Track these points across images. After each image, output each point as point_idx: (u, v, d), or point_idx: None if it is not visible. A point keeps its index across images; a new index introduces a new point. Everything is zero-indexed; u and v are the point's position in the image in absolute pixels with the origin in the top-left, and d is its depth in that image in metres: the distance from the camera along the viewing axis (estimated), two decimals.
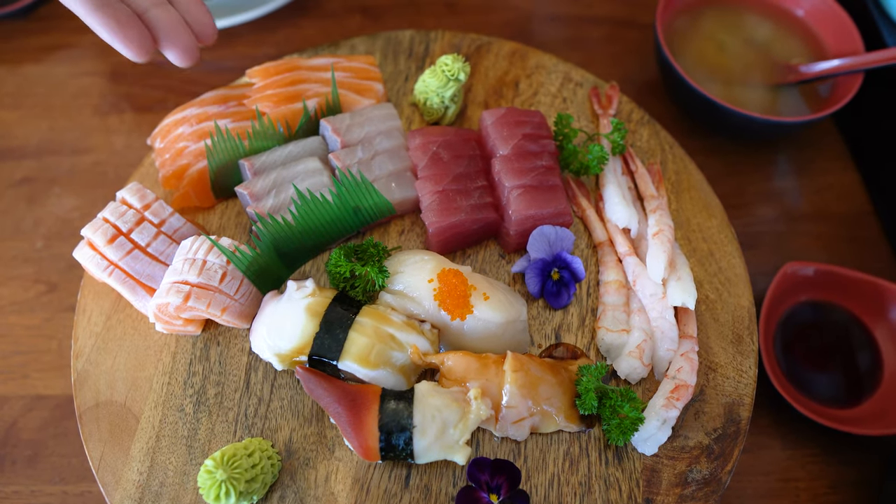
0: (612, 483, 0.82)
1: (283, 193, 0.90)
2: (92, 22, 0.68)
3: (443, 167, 0.92)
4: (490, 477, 0.77)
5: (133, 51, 0.69)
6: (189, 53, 0.72)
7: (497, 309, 0.85)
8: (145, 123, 1.21)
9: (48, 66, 1.28)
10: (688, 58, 1.17)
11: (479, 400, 0.78)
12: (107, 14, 0.67)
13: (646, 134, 1.05)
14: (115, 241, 0.86)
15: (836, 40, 1.16)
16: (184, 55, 0.72)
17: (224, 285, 0.83)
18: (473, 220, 0.90)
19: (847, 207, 1.18)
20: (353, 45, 1.10)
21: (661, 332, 0.88)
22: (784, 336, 1.03)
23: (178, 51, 0.71)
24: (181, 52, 0.71)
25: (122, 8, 0.69)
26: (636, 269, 0.92)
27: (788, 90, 1.15)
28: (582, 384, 0.82)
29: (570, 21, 1.35)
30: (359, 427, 0.77)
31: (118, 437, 0.82)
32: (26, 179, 1.17)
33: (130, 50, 0.68)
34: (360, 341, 0.81)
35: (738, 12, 1.23)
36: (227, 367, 0.87)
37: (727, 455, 0.83)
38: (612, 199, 0.96)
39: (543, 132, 0.96)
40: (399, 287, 0.87)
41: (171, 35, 0.71)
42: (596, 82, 1.09)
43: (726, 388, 0.87)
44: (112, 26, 0.67)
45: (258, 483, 0.76)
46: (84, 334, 0.89)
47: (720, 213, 0.99)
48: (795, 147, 1.23)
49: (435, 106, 1.01)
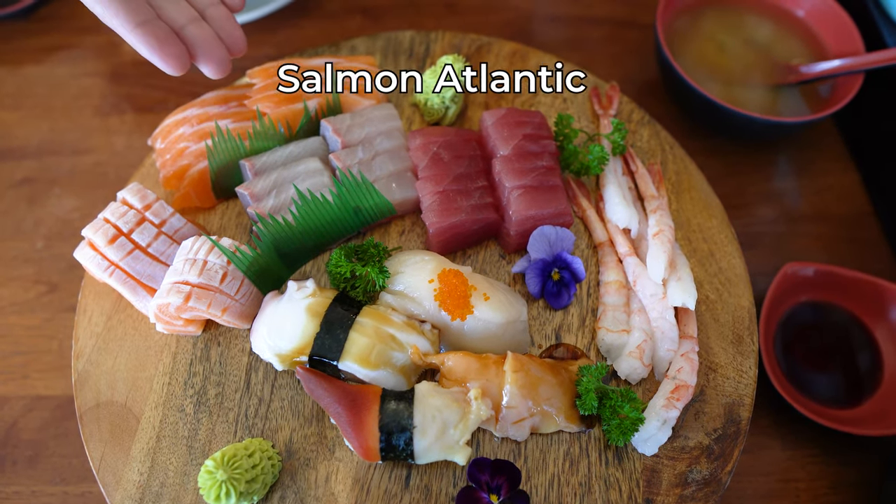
0: (613, 483, 0.82)
1: (283, 194, 0.90)
2: (132, 39, 0.68)
3: (443, 168, 0.92)
4: (490, 477, 0.77)
5: (172, 67, 0.70)
6: (223, 67, 0.74)
7: (497, 309, 0.85)
8: (146, 124, 1.21)
9: (49, 66, 1.28)
10: (688, 58, 1.17)
11: (479, 400, 0.78)
12: (147, 32, 0.68)
13: (646, 134, 1.05)
14: (115, 242, 0.86)
15: (837, 41, 1.17)
16: (218, 69, 0.73)
17: (225, 285, 0.83)
18: (474, 220, 0.90)
19: (847, 208, 1.18)
20: (353, 46, 1.10)
21: (661, 333, 0.88)
22: (784, 336, 1.03)
23: (213, 65, 0.73)
24: (216, 66, 0.73)
25: (161, 25, 0.70)
26: (636, 269, 0.92)
27: (789, 90, 1.15)
28: (582, 384, 0.82)
29: (571, 21, 1.36)
30: (359, 427, 0.77)
31: (119, 438, 0.82)
32: (27, 180, 1.17)
33: (170, 66, 0.70)
34: (360, 342, 0.81)
35: (739, 13, 1.23)
36: (228, 368, 0.87)
37: (727, 455, 0.83)
38: (612, 199, 0.96)
39: (544, 132, 0.96)
40: (399, 287, 0.87)
41: (206, 50, 0.72)
42: (596, 83, 1.09)
43: (726, 388, 0.87)
44: (152, 44, 0.68)
45: (258, 483, 0.76)
46: (85, 334, 0.89)
47: (720, 214, 0.99)
48: (796, 147, 1.23)
49: (435, 106, 1.01)
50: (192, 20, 0.73)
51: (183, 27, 0.72)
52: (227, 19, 0.76)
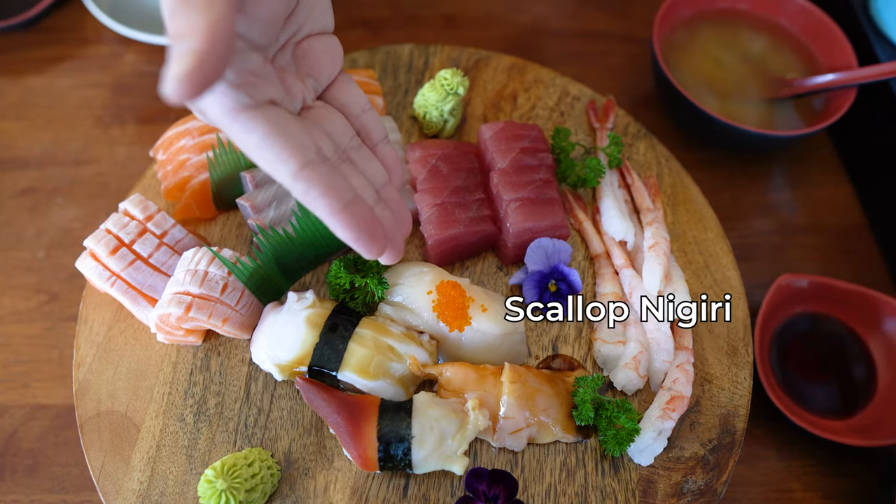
0: (609, 493, 0.82)
1: (283, 205, 0.91)
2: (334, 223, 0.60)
3: (442, 180, 0.93)
4: (488, 487, 0.78)
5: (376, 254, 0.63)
6: (400, 254, 0.68)
7: (495, 321, 0.86)
8: (147, 135, 1.22)
9: (51, 77, 1.29)
10: (684, 72, 1.18)
11: (476, 410, 0.79)
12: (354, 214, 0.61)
13: (642, 147, 1.06)
14: (117, 252, 0.87)
15: (830, 55, 1.18)
16: (396, 256, 0.68)
17: (225, 296, 0.84)
18: (472, 232, 0.91)
19: (841, 220, 1.19)
20: (353, 59, 1.12)
21: (656, 344, 0.89)
22: (779, 347, 1.04)
23: (394, 252, 0.67)
24: (396, 253, 0.67)
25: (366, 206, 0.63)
26: (632, 281, 0.93)
27: (783, 104, 1.16)
28: (578, 395, 0.83)
29: (568, 36, 1.37)
30: (358, 437, 0.77)
31: (119, 447, 0.83)
32: (29, 190, 1.17)
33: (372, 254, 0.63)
34: (359, 352, 0.82)
35: (734, 27, 1.24)
36: (228, 378, 0.87)
37: (722, 466, 0.84)
38: (608, 211, 0.97)
39: (541, 146, 0.97)
40: (398, 299, 0.88)
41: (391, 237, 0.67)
42: (593, 96, 1.10)
43: (721, 399, 0.88)
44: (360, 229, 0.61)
45: (258, 493, 0.77)
46: (85, 344, 0.89)
47: (715, 226, 1.00)
48: (790, 160, 1.24)
49: (434, 119, 1.02)
50: (377, 201, 0.68)
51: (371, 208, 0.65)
52: (399, 203, 0.71)
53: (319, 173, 0.59)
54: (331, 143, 0.66)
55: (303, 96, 0.67)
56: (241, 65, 0.58)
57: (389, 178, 0.72)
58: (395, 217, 0.70)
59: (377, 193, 0.69)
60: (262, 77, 0.60)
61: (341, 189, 0.61)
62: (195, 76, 0.49)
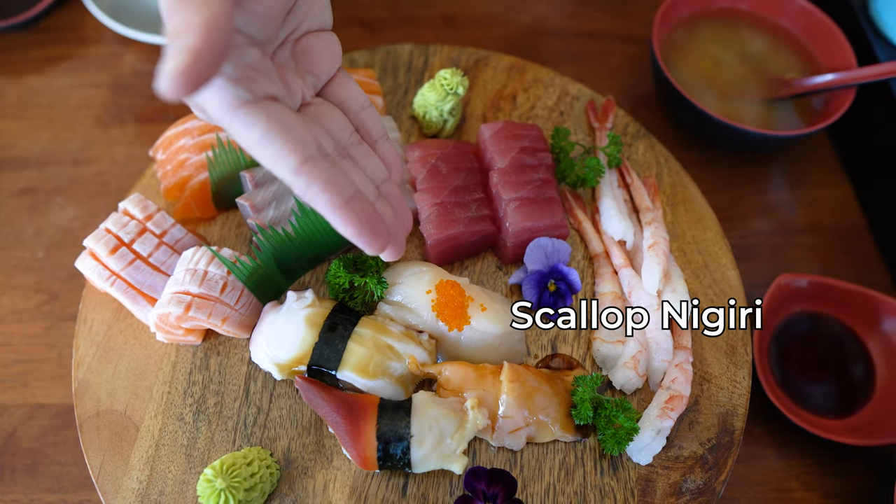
0: (608, 493, 0.82)
1: (283, 205, 0.91)
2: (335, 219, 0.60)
3: (441, 180, 0.93)
4: (487, 486, 0.78)
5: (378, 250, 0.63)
6: (401, 249, 0.68)
7: (494, 320, 0.86)
8: (147, 134, 1.22)
9: (50, 77, 1.29)
10: (683, 72, 1.18)
11: (476, 410, 0.79)
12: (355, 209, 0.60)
13: (641, 147, 1.06)
14: (117, 252, 0.87)
15: (830, 55, 1.18)
16: (398, 253, 0.67)
17: (225, 296, 0.84)
18: (471, 231, 0.91)
19: (841, 220, 1.19)
20: (352, 59, 1.12)
21: (655, 344, 0.89)
22: (778, 347, 1.04)
23: (396, 249, 0.67)
24: (397, 250, 0.67)
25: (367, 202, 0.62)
26: (632, 280, 0.93)
27: (782, 104, 1.17)
28: (577, 394, 0.83)
29: (568, 36, 1.37)
30: (357, 436, 0.78)
31: (118, 446, 0.83)
32: (28, 189, 1.18)
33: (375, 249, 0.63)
34: (358, 352, 0.82)
35: (734, 27, 1.24)
36: (227, 377, 0.87)
37: (721, 465, 0.84)
38: (608, 211, 0.97)
39: (540, 145, 0.97)
40: (397, 298, 0.88)
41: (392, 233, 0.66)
42: (592, 96, 1.10)
43: (720, 398, 0.88)
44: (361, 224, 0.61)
45: (257, 492, 0.77)
46: (85, 343, 0.89)
47: (715, 226, 1.00)
48: (790, 160, 1.24)
49: (434, 119, 1.02)
50: (377, 197, 0.68)
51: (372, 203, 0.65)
52: (400, 199, 0.71)
53: (320, 169, 0.59)
54: (330, 139, 0.66)
55: (302, 93, 0.67)
56: (240, 59, 0.58)
57: (389, 175, 0.72)
58: (395, 213, 0.69)
59: (378, 189, 0.69)
60: (261, 72, 0.60)
61: (342, 185, 0.60)
62: (190, 73, 0.49)
